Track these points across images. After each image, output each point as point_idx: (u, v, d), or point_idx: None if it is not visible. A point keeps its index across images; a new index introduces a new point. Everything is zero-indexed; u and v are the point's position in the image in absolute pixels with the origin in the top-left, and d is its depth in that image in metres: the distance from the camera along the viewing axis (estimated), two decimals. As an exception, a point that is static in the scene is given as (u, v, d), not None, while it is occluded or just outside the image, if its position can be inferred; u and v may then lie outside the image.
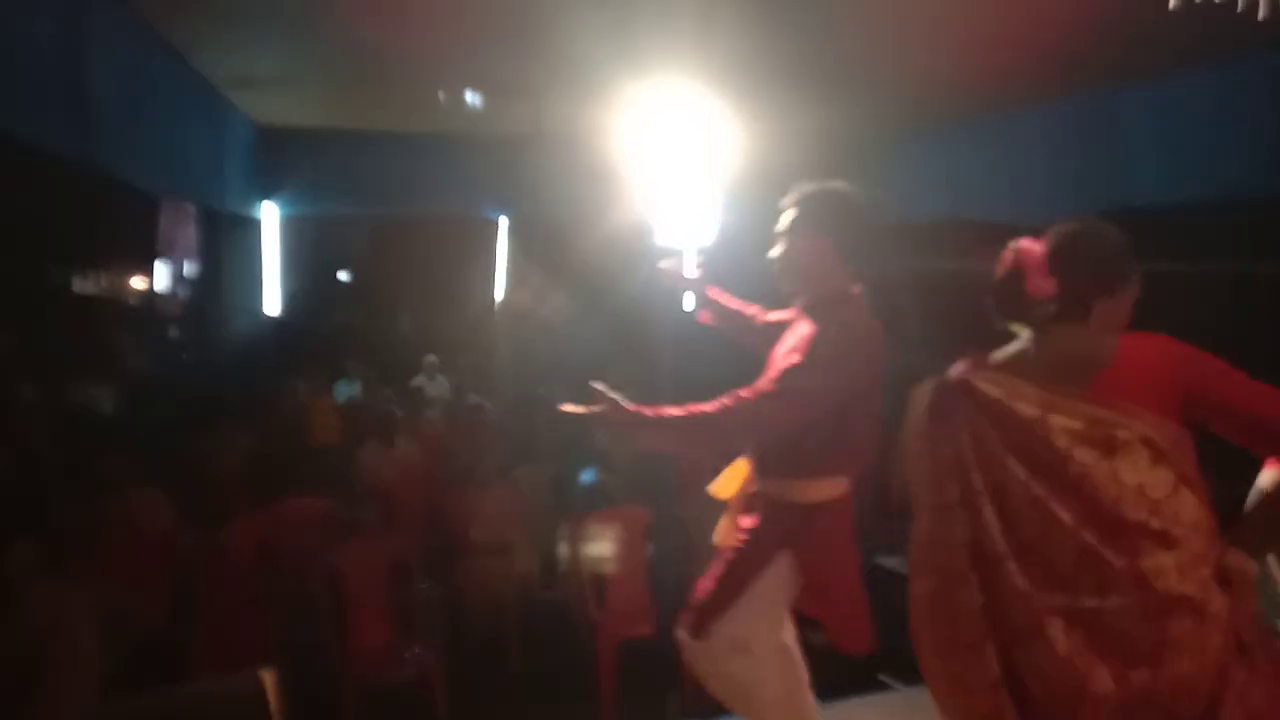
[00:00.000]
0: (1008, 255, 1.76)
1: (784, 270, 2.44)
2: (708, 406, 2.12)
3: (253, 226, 9.08)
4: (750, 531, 2.39)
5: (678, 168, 3.66)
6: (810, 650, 4.93)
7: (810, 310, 2.37)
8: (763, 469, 2.43)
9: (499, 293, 9.86)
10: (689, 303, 3.17)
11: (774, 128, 6.78)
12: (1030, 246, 1.73)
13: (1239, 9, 3.76)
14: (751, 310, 2.88)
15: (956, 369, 1.82)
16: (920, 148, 8.71)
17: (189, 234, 8.84)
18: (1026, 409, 1.65)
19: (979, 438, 1.68)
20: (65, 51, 4.41)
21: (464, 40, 5.72)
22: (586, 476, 5.58)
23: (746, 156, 3.81)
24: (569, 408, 2.21)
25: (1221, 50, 5.25)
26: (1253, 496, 1.99)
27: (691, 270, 3.12)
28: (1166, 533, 1.56)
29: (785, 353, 2.29)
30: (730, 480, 2.54)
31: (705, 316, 2.96)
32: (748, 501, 2.47)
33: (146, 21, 5.41)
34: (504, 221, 9.70)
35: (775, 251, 2.44)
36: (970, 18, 4.99)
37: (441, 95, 7.11)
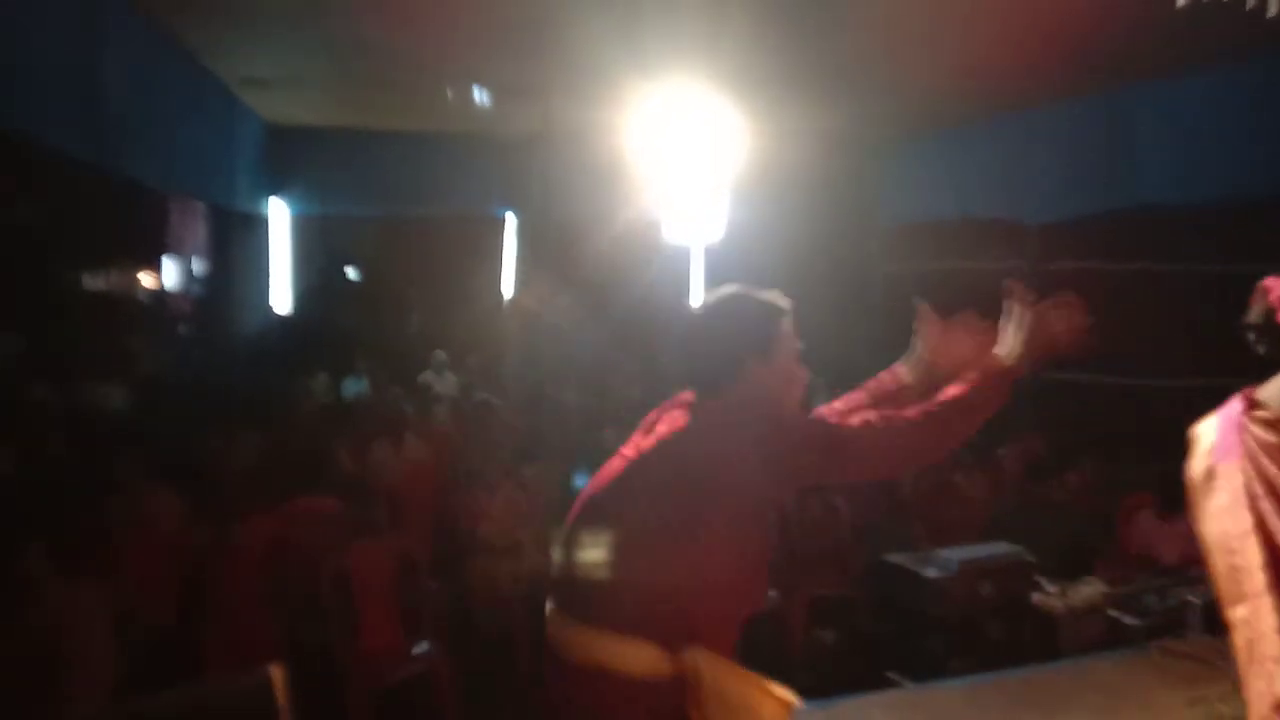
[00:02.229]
0: (1261, 293, 1.91)
1: None
2: None
3: (262, 225, 9.13)
4: None
5: (685, 167, 3.68)
6: (820, 647, 4.95)
7: None
8: None
9: (507, 291, 9.89)
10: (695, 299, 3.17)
11: (781, 128, 6.79)
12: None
13: (1248, 7, 3.75)
14: None
15: (1234, 407, 1.89)
16: (928, 148, 8.69)
17: (199, 232, 8.88)
18: None
19: (1262, 471, 1.76)
20: (77, 52, 4.44)
21: (472, 40, 5.73)
22: (580, 481, 5.63)
23: (754, 156, 3.82)
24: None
25: (1231, 50, 5.23)
26: None
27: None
28: None
29: None
30: None
31: None
32: None
33: (157, 22, 5.43)
34: (512, 220, 9.73)
35: None
36: (978, 19, 4.98)
37: (450, 94, 7.13)
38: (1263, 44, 4.89)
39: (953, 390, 1.96)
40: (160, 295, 8.72)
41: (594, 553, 1.78)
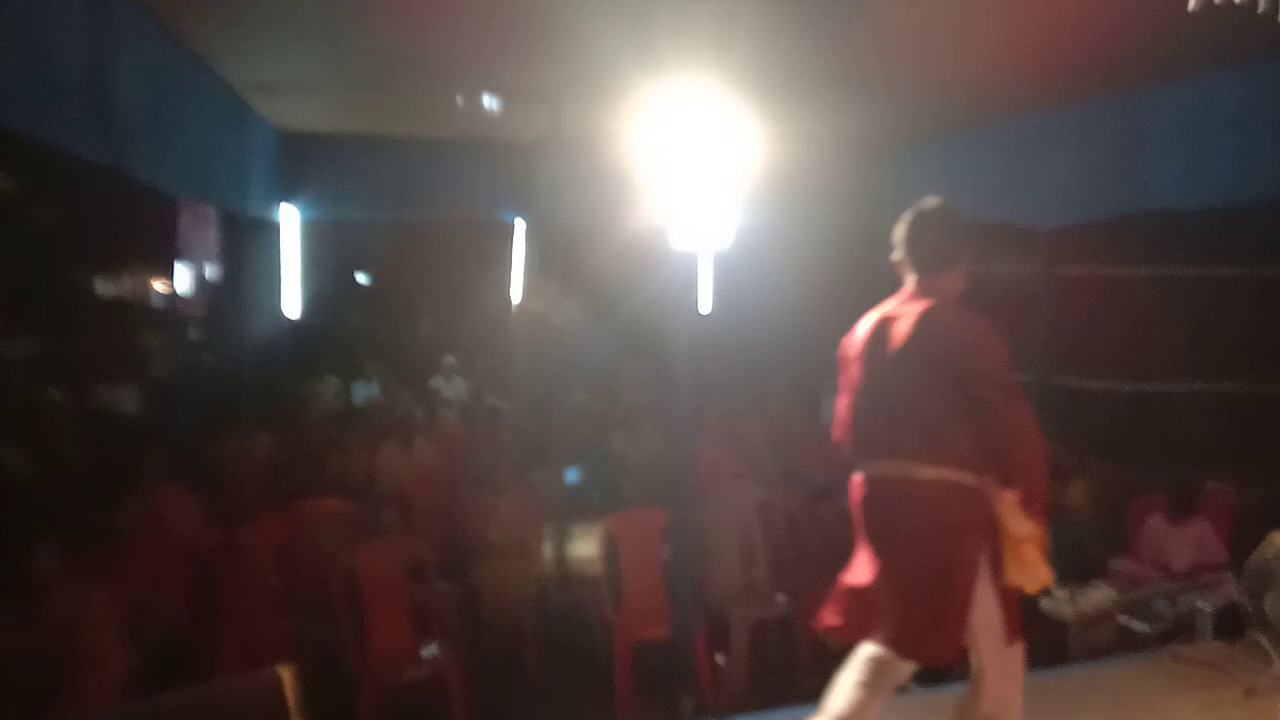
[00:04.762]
0: None
1: None
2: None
3: (274, 230, 9.16)
4: None
5: (695, 171, 3.68)
6: (829, 651, 4.92)
7: None
8: None
9: (516, 296, 9.91)
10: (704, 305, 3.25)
11: (793, 132, 6.78)
12: None
13: (1260, 10, 3.74)
14: None
15: None
16: (940, 151, 8.68)
17: (211, 238, 8.93)
18: None
19: None
20: (89, 57, 4.47)
21: (482, 45, 5.75)
22: (571, 477, 5.69)
23: (765, 161, 3.82)
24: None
25: (1244, 53, 5.21)
26: None
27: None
28: None
29: None
30: None
31: None
32: None
33: (170, 27, 5.47)
34: (521, 225, 9.75)
35: None
36: (991, 21, 4.97)
37: (459, 100, 7.15)
38: (1277, 46, 4.87)
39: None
40: (172, 300, 8.77)
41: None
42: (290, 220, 9.31)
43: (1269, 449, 5.49)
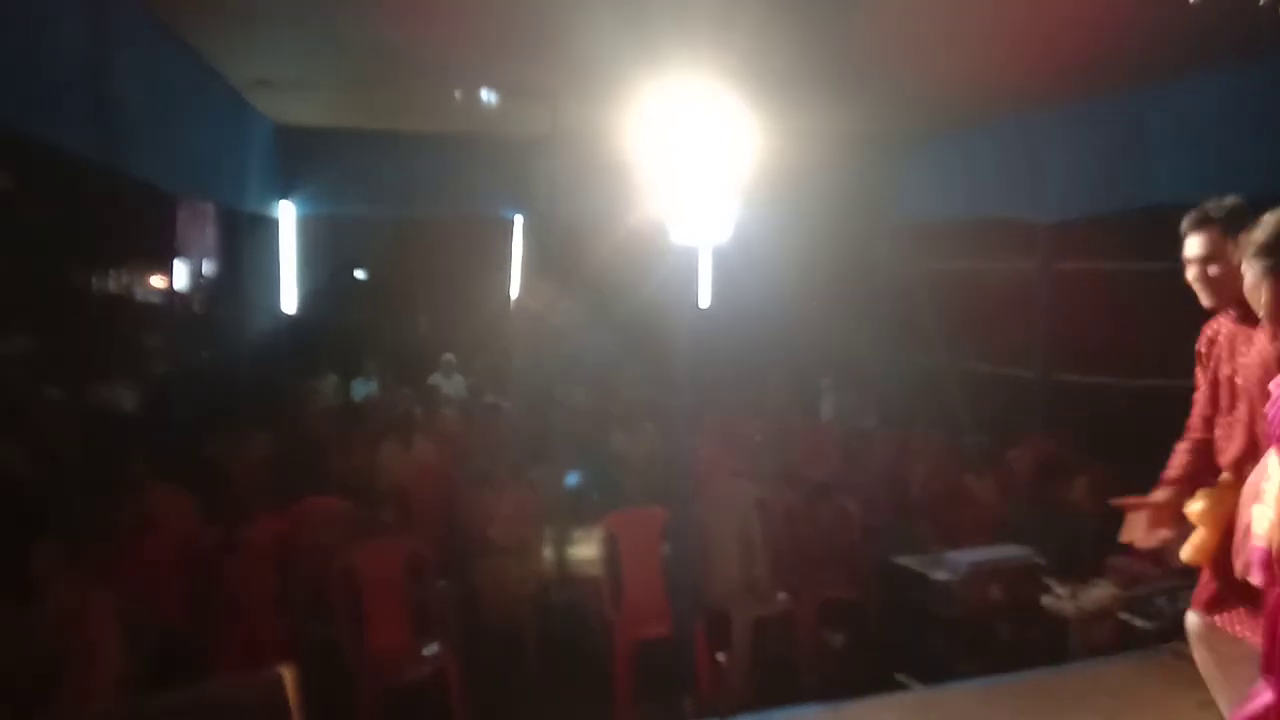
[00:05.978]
0: None
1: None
2: None
3: (271, 226, 9.15)
4: None
5: (693, 168, 3.66)
6: (830, 649, 4.93)
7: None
8: None
9: (515, 292, 9.90)
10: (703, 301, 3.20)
11: (791, 128, 6.77)
12: None
13: (1260, 3, 3.73)
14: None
15: None
16: (939, 148, 8.67)
17: (208, 234, 8.91)
18: None
19: None
20: (87, 53, 4.46)
21: (480, 41, 5.74)
22: (571, 480, 5.70)
23: (763, 156, 3.80)
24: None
25: (1243, 50, 5.20)
26: None
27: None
28: None
29: None
30: None
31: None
32: None
33: (167, 23, 5.45)
34: (520, 221, 9.73)
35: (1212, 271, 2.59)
36: (989, 20, 4.96)
37: (458, 96, 7.14)
38: (1275, 43, 4.86)
39: None
40: (170, 296, 8.74)
41: None
42: (288, 216, 9.30)
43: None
